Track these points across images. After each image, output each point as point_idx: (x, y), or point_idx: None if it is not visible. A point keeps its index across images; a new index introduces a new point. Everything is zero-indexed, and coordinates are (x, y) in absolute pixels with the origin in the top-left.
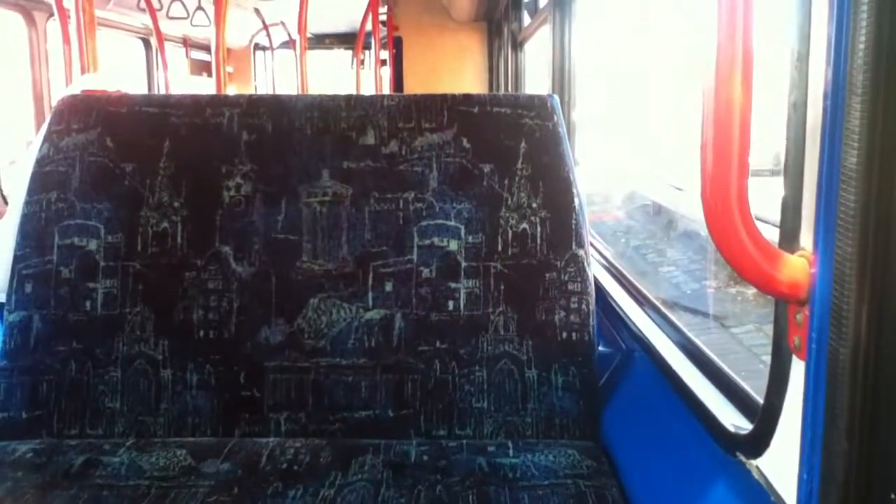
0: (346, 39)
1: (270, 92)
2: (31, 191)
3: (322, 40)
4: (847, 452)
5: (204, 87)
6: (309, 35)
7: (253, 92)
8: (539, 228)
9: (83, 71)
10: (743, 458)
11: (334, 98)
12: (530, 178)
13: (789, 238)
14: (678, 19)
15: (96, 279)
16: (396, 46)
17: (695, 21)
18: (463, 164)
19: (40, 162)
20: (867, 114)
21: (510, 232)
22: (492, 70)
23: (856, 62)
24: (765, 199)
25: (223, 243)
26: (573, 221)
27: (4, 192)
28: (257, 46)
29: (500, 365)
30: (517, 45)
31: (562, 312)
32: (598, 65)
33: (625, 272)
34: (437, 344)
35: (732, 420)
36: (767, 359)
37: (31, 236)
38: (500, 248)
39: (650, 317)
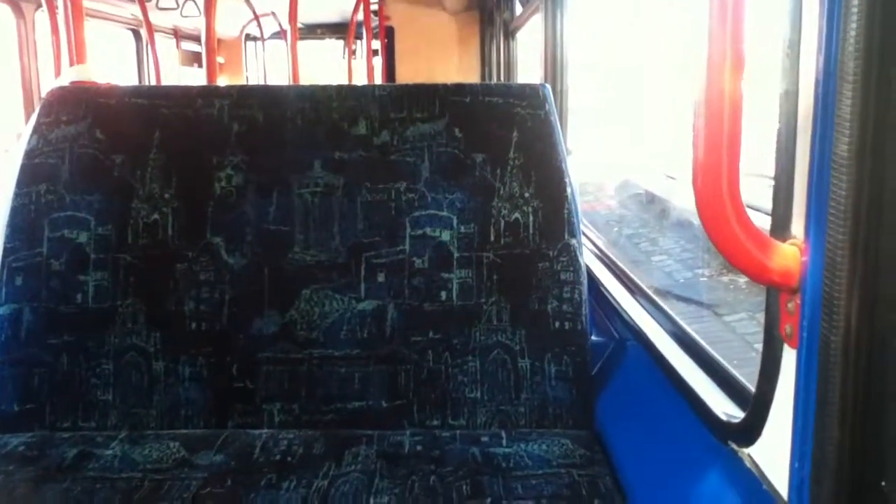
0: (337, 29)
1: (262, 83)
2: (21, 183)
3: (313, 30)
4: (838, 440)
5: (195, 78)
6: (300, 25)
7: (244, 83)
8: (531, 218)
9: (72, 62)
10: (735, 447)
11: (326, 88)
12: (522, 168)
13: (780, 226)
14: (673, 11)
15: (87, 271)
16: (388, 36)
17: (687, 12)
18: (455, 154)
19: (29, 154)
20: (858, 101)
21: (502, 222)
22: (484, 59)
23: (847, 49)
24: None
25: (215, 234)
26: (566, 211)
27: None
28: (248, 37)
29: (493, 355)
30: (509, 35)
31: (554, 302)
32: (592, 59)
33: (617, 261)
34: (430, 334)
35: (725, 409)
36: (760, 347)
37: (21, 229)
38: (492, 237)
39: (643, 306)
